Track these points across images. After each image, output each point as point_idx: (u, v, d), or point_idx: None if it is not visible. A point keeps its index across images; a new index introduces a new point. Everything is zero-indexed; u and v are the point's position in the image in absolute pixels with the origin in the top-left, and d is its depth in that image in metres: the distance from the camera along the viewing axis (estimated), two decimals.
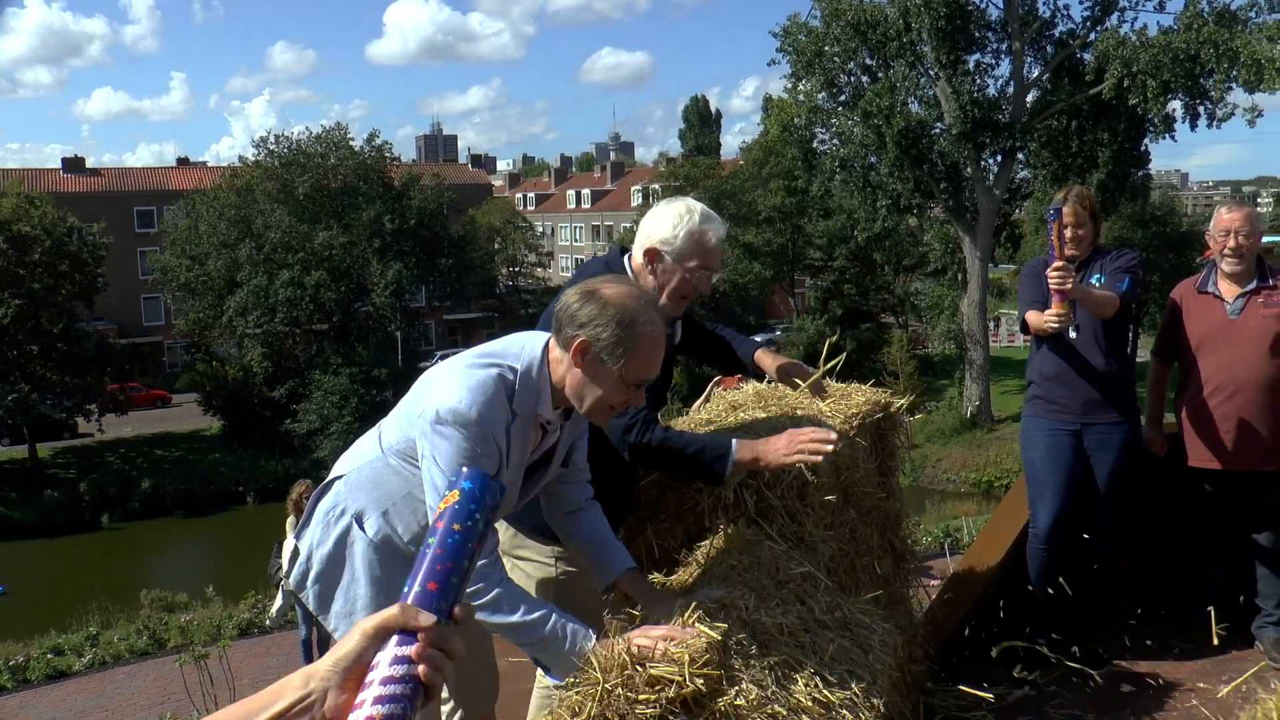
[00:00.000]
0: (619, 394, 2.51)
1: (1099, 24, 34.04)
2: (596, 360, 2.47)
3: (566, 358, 2.51)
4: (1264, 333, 4.48)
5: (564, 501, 2.85)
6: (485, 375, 2.49)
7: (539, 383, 2.55)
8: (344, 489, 2.73)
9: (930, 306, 43.85)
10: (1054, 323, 4.24)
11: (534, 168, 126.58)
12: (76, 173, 58.87)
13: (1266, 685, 4.44)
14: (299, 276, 42.12)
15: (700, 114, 77.58)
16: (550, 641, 2.43)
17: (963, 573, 4.86)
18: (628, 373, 2.48)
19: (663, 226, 3.09)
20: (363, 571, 2.66)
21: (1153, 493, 4.87)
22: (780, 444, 2.88)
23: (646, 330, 2.48)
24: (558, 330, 2.53)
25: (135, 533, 35.93)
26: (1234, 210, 4.61)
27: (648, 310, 2.51)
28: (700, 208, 3.16)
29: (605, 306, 2.46)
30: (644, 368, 2.50)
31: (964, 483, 33.56)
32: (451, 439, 2.43)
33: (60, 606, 17.06)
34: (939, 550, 12.39)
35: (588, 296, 2.49)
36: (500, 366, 2.52)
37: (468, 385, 2.46)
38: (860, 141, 34.72)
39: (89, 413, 40.87)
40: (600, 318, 2.45)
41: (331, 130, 45.15)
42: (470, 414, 2.42)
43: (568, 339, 2.49)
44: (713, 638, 2.31)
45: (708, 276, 3.12)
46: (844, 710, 2.35)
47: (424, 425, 2.48)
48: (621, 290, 2.51)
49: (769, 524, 3.10)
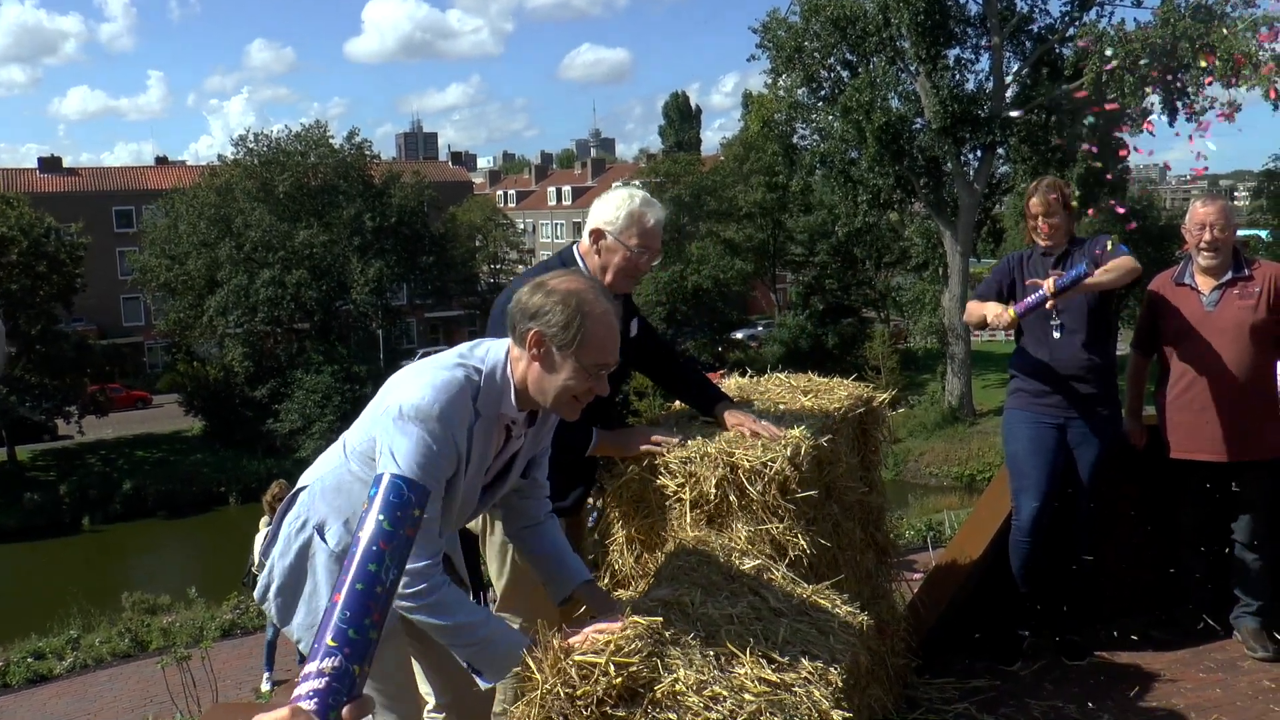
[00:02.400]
0: (581, 382, 2.52)
1: (1077, 19, 34.21)
2: (552, 350, 2.50)
3: (525, 354, 2.53)
4: (1240, 323, 4.51)
5: (523, 516, 2.88)
6: (451, 375, 2.51)
7: (503, 384, 2.56)
8: (308, 500, 2.73)
9: (911, 302, 44.01)
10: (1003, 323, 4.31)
11: (514, 165, 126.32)
12: (53, 172, 58.45)
13: (1243, 675, 4.49)
14: (280, 275, 41.96)
15: (680, 110, 77.52)
16: (486, 644, 2.47)
17: (945, 566, 4.87)
18: (584, 357, 2.49)
19: (606, 209, 3.34)
20: (324, 583, 2.67)
21: (1133, 484, 4.90)
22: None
23: (597, 313, 2.50)
24: (513, 329, 2.56)
25: (116, 535, 35.74)
26: (1209, 204, 4.64)
27: (596, 294, 2.54)
28: (640, 193, 3.41)
29: (551, 294, 2.50)
30: (601, 351, 2.51)
31: (946, 477, 33.72)
32: (411, 435, 2.43)
33: (41, 610, 16.95)
34: (921, 544, 12.45)
35: (535, 289, 2.54)
36: (466, 368, 2.54)
37: (433, 384, 2.48)
38: (840, 137, 34.82)
39: (69, 414, 40.58)
40: (548, 305, 2.49)
41: (311, 128, 45.03)
42: (433, 410, 2.44)
43: (522, 334, 2.52)
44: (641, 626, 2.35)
45: (649, 255, 3.35)
46: (795, 688, 2.37)
47: (386, 421, 2.48)
48: (568, 279, 2.56)
49: (750, 519, 3.11)
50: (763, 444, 3.19)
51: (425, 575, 2.47)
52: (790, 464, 3.11)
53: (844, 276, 48.80)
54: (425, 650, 2.90)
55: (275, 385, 41.69)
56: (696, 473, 3.15)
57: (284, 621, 2.75)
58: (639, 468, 3.28)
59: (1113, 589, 4.93)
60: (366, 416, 2.64)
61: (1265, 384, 4.56)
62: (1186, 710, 4.18)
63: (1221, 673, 4.51)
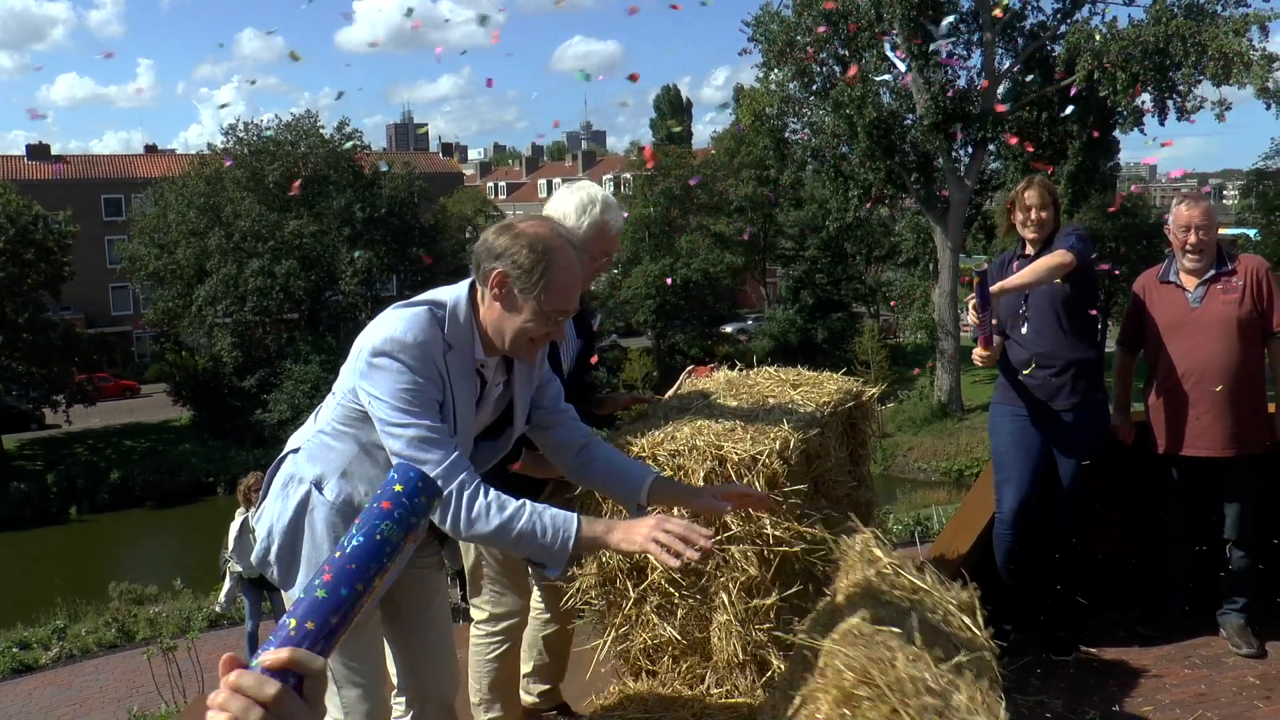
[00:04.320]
0: (539, 325, 2.54)
1: (1069, 16, 34.24)
2: (514, 290, 2.51)
3: (487, 294, 2.55)
4: (1224, 320, 4.53)
5: (567, 447, 2.84)
6: (415, 311, 2.53)
7: (467, 323, 2.57)
8: (299, 459, 2.73)
9: (901, 296, 44.06)
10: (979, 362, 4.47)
11: (505, 156, 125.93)
12: (41, 160, 58.12)
13: (1227, 671, 4.51)
14: (269, 265, 41.81)
15: (671, 103, 77.35)
16: (534, 535, 2.42)
17: (932, 561, 4.88)
18: (546, 302, 2.50)
19: (567, 216, 3.29)
20: (325, 538, 2.64)
21: (1120, 480, 4.92)
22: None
23: (562, 258, 2.52)
24: (477, 267, 2.57)
25: (104, 525, 35.59)
26: (1192, 206, 4.66)
27: (562, 240, 2.56)
28: (601, 196, 3.38)
29: (519, 236, 2.51)
30: (562, 297, 2.53)
31: (934, 471, 33.76)
32: (390, 369, 2.45)
33: (27, 600, 16.90)
34: (909, 539, 12.47)
35: (503, 230, 2.56)
36: (428, 304, 2.56)
37: (401, 317, 2.51)
38: (832, 131, 34.79)
39: (56, 403, 40.41)
40: (514, 247, 2.50)
41: (301, 118, 44.83)
42: (406, 338, 2.45)
43: (486, 273, 2.53)
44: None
45: (610, 260, 3.45)
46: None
47: (362, 365, 2.49)
48: (536, 223, 2.58)
49: (735, 513, 3.11)
50: (751, 437, 3.20)
51: (452, 472, 2.42)
52: (779, 457, 3.11)
53: (834, 271, 48.84)
54: (395, 633, 2.91)
55: (264, 375, 41.56)
56: (685, 465, 3.15)
57: (287, 584, 2.73)
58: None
59: (1098, 585, 4.94)
60: (344, 372, 2.63)
61: (1251, 379, 4.58)
62: (1171, 706, 4.19)
63: (1206, 669, 4.53)
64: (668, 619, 3.24)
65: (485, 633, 3.58)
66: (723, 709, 3.15)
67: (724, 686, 3.21)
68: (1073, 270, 4.39)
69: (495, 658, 3.57)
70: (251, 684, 1.18)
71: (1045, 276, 4.33)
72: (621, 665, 3.46)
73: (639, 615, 3.29)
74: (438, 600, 2.95)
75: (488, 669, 3.59)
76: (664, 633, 3.24)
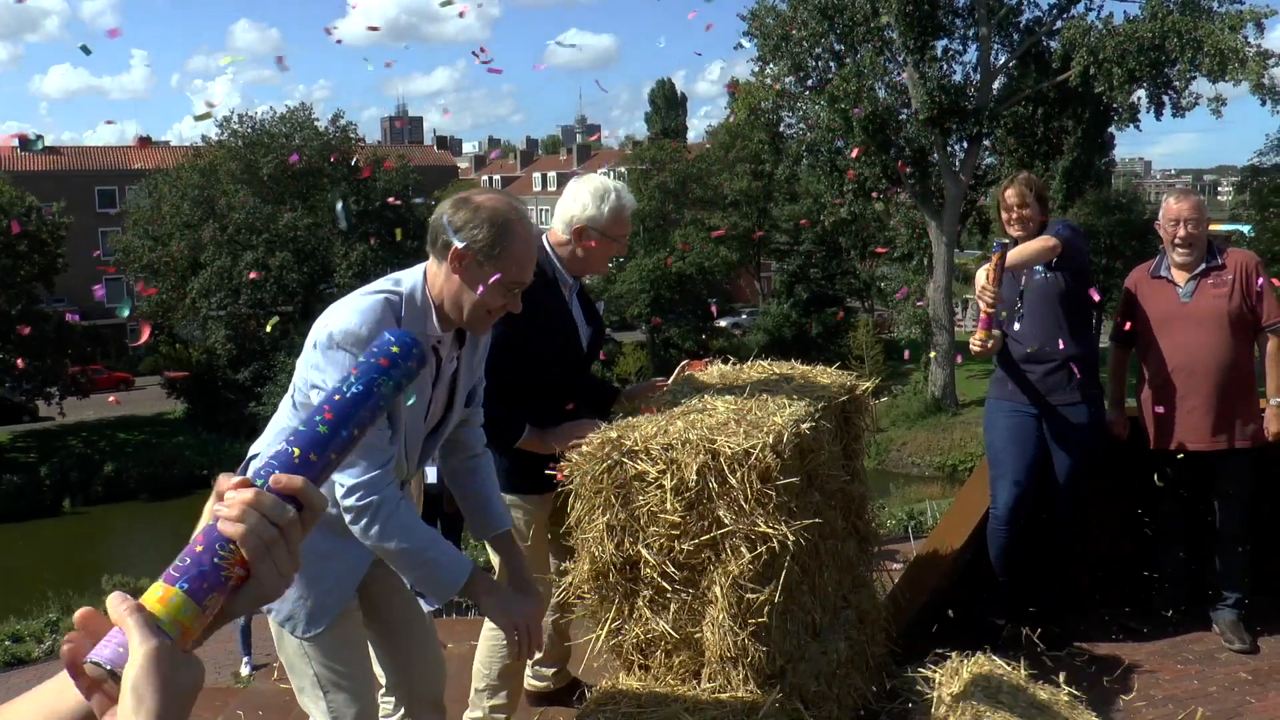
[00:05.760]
0: (496, 298, 2.55)
1: (1065, 12, 34.24)
2: (474, 264, 2.52)
3: (444, 268, 2.55)
4: (1215, 314, 4.54)
5: (463, 448, 2.90)
6: (371, 300, 2.52)
7: (424, 305, 2.57)
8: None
9: (895, 291, 44.06)
10: (975, 347, 4.43)
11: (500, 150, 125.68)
12: (35, 151, 57.89)
13: (1220, 666, 4.52)
14: (263, 258, 41.73)
15: (666, 97, 77.23)
16: (434, 566, 2.49)
17: (926, 556, 4.89)
18: (505, 274, 2.52)
19: (587, 205, 3.51)
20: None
21: (1114, 475, 4.92)
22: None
23: (520, 231, 2.54)
24: (433, 243, 2.57)
25: (97, 517, 35.54)
26: (1182, 200, 4.67)
27: (520, 213, 2.58)
28: (613, 182, 3.58)
29: (478, 210, 2.52)
30: (520, 270, 2.55)
31: (928, 466, 33.82)
32: (339, 361, 2.44)
33: (20, 592, 16.87)
34: (903, 534, 12.49)
35: (460, 204, 2.56)
36: (384, 292, 2.56)
37: (356, 309, 2.50)
38: (827, 126, 34.76)
39: (50, 396, 40.31)
40: (474, 221, 2.51)
41: (296, 110, 44.74)
42: (360, 332, 2.44)
43: (444, 246, 2.53)
44: None
45: (625, 242, 3.65)
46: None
47: (315, 356, 2.49)
48: (492, 196, 2.59)
49: (730, 505, 3.10)
50: (745, 431, 3.19)
51: (375, 486, 2.45)
52: (772, 451, 3.10)
53: (828, 266, 48.85)
54: (379, 632, 2.90)
55: (258, 368, 41.49)
56: (678, 459, 3.14)
57: None
58: (619, 454, 3.26)
59: (1092, 580, 4.95)
60: (299, 365, 2.61)
61: (1243, 373, 4.59)
62: (1164, 701, 4.20)
63: (1199, 664, 4.54)
64: (660, 613, 3.23)
65: None
66: (715, 704, 3.14)
67: (716, 681, 3.20)
68: (1065, 262, 4.40)
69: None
70: (270, 505, 1.19)
71: (1030, 259, 4.34)
72: (613, 660, 3.45)
73: (631, 610, 3.28)
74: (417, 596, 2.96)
75: (501, 655, 3.65)
76: (656, 627, 3.23)
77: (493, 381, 3.16)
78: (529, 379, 3.48)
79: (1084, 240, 4.60)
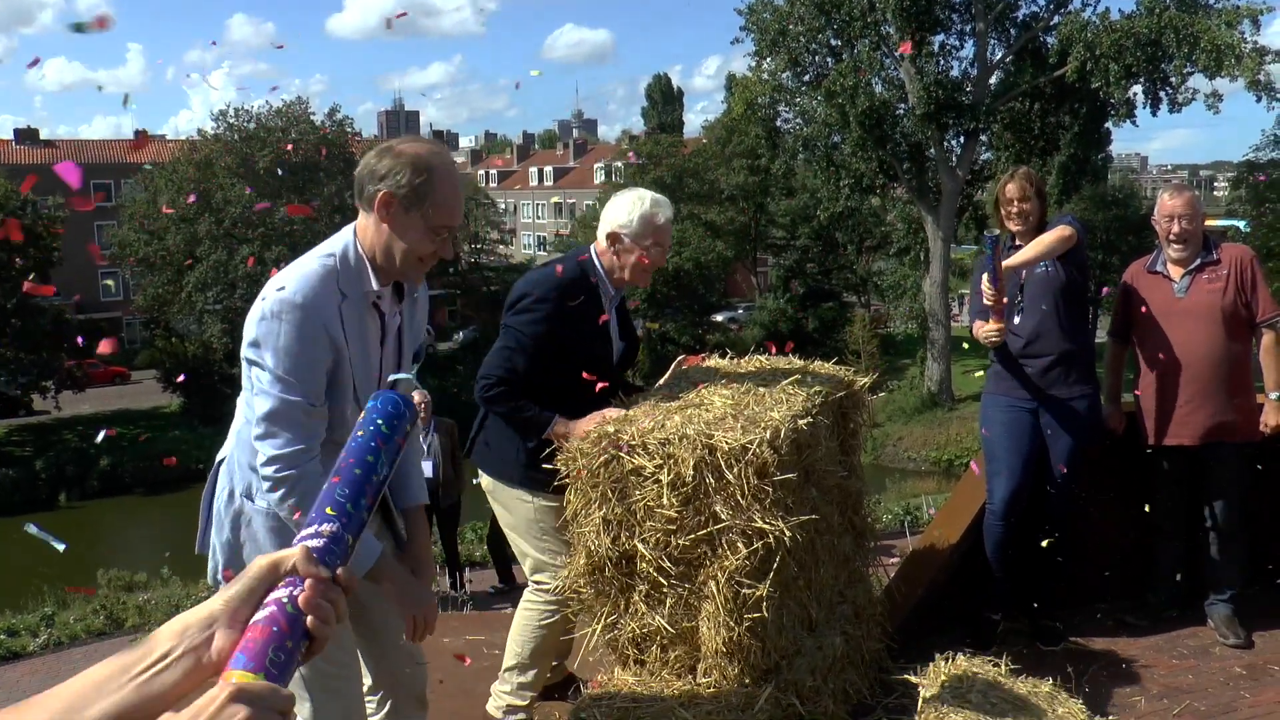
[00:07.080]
0: (426, 244, 2.57)
1: (1062, 7, 34.24)
2: (400, 210, 2.53)
3: (373, 218, 2.55)
4: (1211, 308, 4.55)
5: None
6: (306, 267, 2.53)
7: (358, 263, 2.58)
8: (228, 471, 2.72)
9: (891, 286, 44.07)
10: (994, 338, 4.43)
11: (497, 144, 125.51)
12: (30, 144, 57.75)
13: (1215, 661, 4.52)
14: (259, 252, 41.66)
15: (663, 91, 77.17)
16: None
17: (922, 550, 4.89)
18: (432, 219, 2.53)
19: (619, 214, 3.65)
20: (268, 543, 2.65)
21: (1109, 471, 4.92)
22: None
23: (443, 174, 2.55)
24: (360, 193, 2.58)
25: (93, 511, 35.45)
26: (1176, 196, 4.67)
27: (442, 158, 2.59)
28: (649, 194, 3.70)
29: (400, 156, 2.53)
30: (447, 213, 2.56)
31: (924, 461, 33.81)
32: (278, 330, 2.44)
33: (14, 587, 16.82)
34: (899, 529, 12.51)
35: (383, 152, 2.57)
36: (318, 257, 2.56)
37: (292, 277, 2.51)
38: (824, 121, 34.74)
39: (45, 389, 40.22)
40: (397, 166, 2.52)
41: (292, 104, 44.66)
42: (296, 299, 2.45)
43: (370, 196, 2.54)
44: None
45: (662, 251, 3.71)
46: None
47: (255, 329, 2.48)
48: (415, 142, 2.60)
49: (727, 501, 3.10)
50: (742, 426, 3.19)
51: (295, 461, 2.48)
52: (769, 447, 3.10)
53: (825, 261, 48.84)
54: (361, 633, 2.90)
55: None
56: (675, 454, 3.14)
57: None
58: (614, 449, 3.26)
59: (1087, 575, 4.96)
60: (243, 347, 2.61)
61: (1238, 367, 4.60)
62: (1159, 696, 4.21)
63: (1194, 659, 4.55)
64: (656, 608, 3.23)
65: (544, 599, 3.69)
66: (711, 699, 3.14)
67: (712, 676, 3.21)
68: (1071, 254, 4.40)
69: (546, 625, 3.71)
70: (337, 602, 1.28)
71: (1050, 250, 4.33)
72: (610, 654, 3.45)
73: (627, 604, 3.28)
74: None
75: (535, 635, 3.72)
76: (653, 622, 3.23)
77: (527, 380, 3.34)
78: (558, 382, 3.55)
79: (1086, 233, 4.61)
